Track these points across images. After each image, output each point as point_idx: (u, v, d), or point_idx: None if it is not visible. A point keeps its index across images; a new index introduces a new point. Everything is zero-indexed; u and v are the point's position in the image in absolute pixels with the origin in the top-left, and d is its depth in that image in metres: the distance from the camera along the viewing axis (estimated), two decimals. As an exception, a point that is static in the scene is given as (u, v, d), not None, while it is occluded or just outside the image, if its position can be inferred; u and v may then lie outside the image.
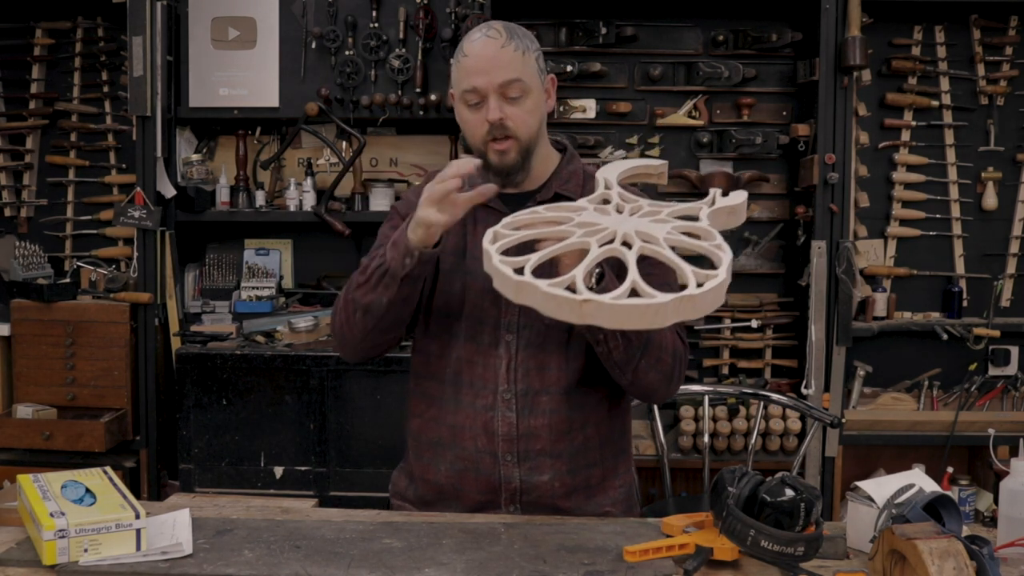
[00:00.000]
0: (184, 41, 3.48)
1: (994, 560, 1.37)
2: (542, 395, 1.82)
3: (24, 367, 3.38)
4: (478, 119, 1.78)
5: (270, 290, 3.60)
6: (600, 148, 3.67)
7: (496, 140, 1.78)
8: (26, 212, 3.79)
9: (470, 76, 1.77)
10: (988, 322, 3.52)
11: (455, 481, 1.85)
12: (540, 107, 1.83)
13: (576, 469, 1.85)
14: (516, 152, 1.79)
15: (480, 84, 1.76)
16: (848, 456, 3.48)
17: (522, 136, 1.79)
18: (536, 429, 1.82)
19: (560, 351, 1.83)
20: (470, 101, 1.78)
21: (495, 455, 1.82)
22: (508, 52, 1.76)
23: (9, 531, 1.66)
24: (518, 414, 1.82)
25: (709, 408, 3.28)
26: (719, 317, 3.68)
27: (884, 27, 3.51)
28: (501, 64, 1.75)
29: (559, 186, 1.87)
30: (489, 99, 1.76)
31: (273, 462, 3.21)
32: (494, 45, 1.77)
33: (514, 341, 1.83)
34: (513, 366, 1.82)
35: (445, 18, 3.43)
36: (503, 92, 1.76)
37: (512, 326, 1.83)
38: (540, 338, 1.83)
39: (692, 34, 3.68)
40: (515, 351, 1.83)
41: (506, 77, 1.76)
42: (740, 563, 1.52)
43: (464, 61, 1.78)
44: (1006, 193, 3.62)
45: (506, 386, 1.82)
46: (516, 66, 1.77)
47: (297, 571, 1.48)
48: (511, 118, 1.77)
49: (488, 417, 1.82)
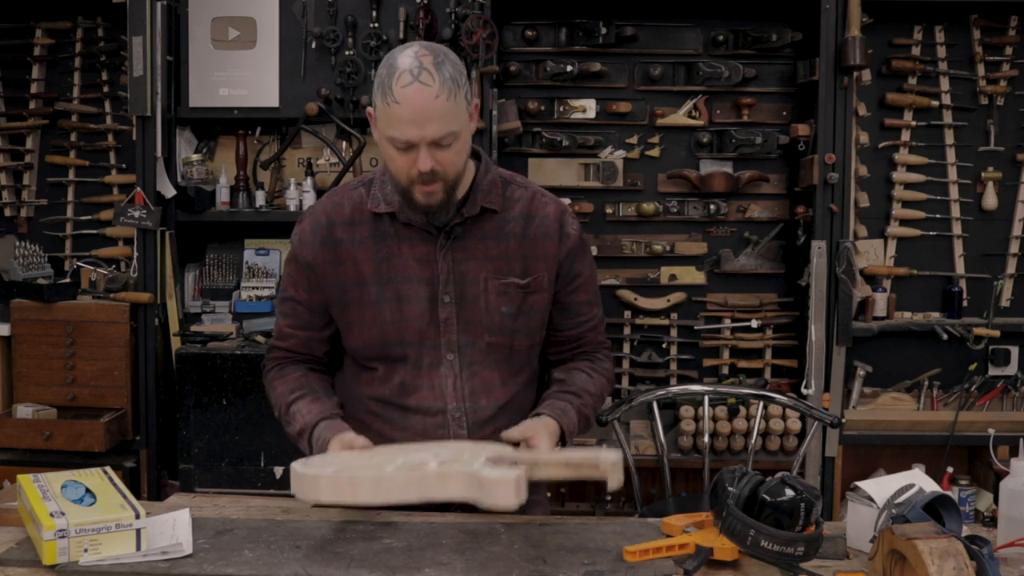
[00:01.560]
0: (184, 41, 3.48)
1: (994, 560, 1.38)
2: (488, 410, 1.86)
3: (24, 367, 3.37)
4: (406, 162, 1.72)
5: (270, 290, 3.60)
6: (600, 148, 3.67)
7: (424, 183, 1.73)
8: (26, 212, 3.79)
9: (401, 126, 1.68)
10: (988, 322, 3.51)
11: None
12: (467, 142, 1.77)
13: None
14: (443, 192, 1.75)
15: (412, 137, 1.68)
16: (848, 456, 3.48)
17: (450, 176, 1.74)
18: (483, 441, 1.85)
19: (503, 367, 1.87)
20: (398, 146, 1.71)
21: None
22: (441, 103, 1.67)
23: (9, 531, 1.66)
24: (468, 430, 1.85)
25: (709, 408, 3.28)
26: (719, 317, 3.68)
27: (884, 27, 3.51)
28: (434, 117, 1.67)
29: (483, 199, 1.84)
30: (420, 150, 1.69)
31: (273, 462, 3.21)
32: (426, 95, 1.66)
33: (456, 360, 1.84)
34: (458, 385, 1.84)
35: (445, 18, 3.43)
36: (434, 143, 1.70)
37: (453, 345, 1.84)
38: (482, 355, 1.85)
39: (692, 34, 3.68)
40: (459, 369, 1.84)
41: (439, 132, 1.68)
42: (740, 563, 1.53)
43: (395, 109, 1.67)
44: (1006, 193, 3.62)
45: (455, 404, 1.84)
46: (449, 117, 1.68)
47: (297, 571, 1.48)
48: (441, 163, 1.71)
49: (439, 435, 1.84)
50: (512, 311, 1.84)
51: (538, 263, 1.86)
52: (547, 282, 1.87)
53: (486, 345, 1.84)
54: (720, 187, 3.64)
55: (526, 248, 1.86)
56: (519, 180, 1.93)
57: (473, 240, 1.84)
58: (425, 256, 1.83)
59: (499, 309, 1.83)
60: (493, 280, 1.83)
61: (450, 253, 1.83)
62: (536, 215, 1.88)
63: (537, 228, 1.87)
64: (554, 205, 1.91)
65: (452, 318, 1.83)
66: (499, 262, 1.84)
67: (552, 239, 1.87)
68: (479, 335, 1.84)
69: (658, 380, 3.65)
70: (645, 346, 3.70)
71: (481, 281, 1.83)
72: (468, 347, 1.84)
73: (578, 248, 1.91)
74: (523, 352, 1.89)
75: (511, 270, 1.85)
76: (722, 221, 3.69)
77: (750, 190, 3.69)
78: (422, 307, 1.83)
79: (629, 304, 3.67)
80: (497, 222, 1.86)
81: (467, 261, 1.83)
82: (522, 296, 1.85)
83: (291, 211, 3.57)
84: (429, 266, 1.83)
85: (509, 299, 1.84)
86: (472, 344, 1.84)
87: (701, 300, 3.71)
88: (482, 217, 1.84)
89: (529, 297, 1.86)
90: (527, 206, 1.88)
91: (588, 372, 1.95)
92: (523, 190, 1.90)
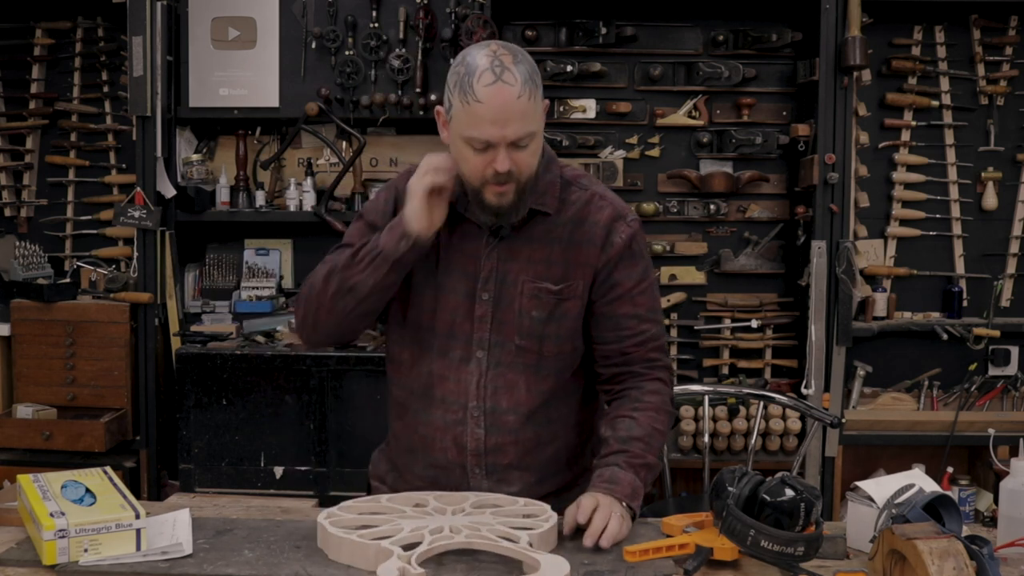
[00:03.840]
0: (184, 41, 3.48)
1: (994, 560, 1.38)
2: (509, 414, 1.82)
3: (24, 367, 3.38)
4: (482, 162, 1.69)
5: (270, 290, 3.60)
6: (600, 148, 3.67)
7: (498, 184, 1.71)
8: (26, 212, 3.79)
9: (481, 126, 1.66)
10: (988, 322, 3.51)
11: (427, 486, 1.85)
12: (541, 143, 1.76)
13: (544, 479, 1.86)
14: (514, 194, 1.73)
15: (493, 138, 1.66)
16: (848, 456, 3.48)
17: (523, 178, 1.73)
18: (503, 445, 1.82)
19: (530, 371, 1.83)
20: (476, 147, 1.69)
21: (464, 467, 1.83)
22: (523, 103, 1.66)
23: (9, 531, 1.66)
24: (486, 430, 1.82)
25: (709, 408, 3.28)
26: (719, 317, 3.68)
27: (884, 27, 3.51)
28: (515, 117, 1.66)
29: (534, 201, 1.80)
30: (499, 150, 1.68)
31: (273, 462, 3.21)
32: (509, 94, 1.64)
33: (485, 358, 1.82)
34: (483, 383, 1.82)
35: (445, 18, 3.43)
36: (514, 143, 1.68)
37: (484, 343, 1.82)
38: (510, 357, 1.82)
39: (692, 34, 3.68)
40: (485, 368, 1.82)
41: (519, 132, 1.67)
42: (740, 563, 1.53)
43: (476, 107, 1.65)
44: (1006, 193, 3.62)
45: (476, 402, 1.82)
46: (528, 118, 1.68)
47: (297, 571, 1.48)
48: (517, 164, 1.70)
49: (458, 431, 1.82)
50: (543, 316, 1.81)
51: (577, 269, 1.82)
52: (582, 289, 1.83)
53: (515, 348, 1.81)
54: (720, 187, 3.64)
55: (569, 254, 1.82)
56: (583, 182, 1.87)
57: (520, 241, 1.82)
58: (471, 252, 1.82)
59: (530, 313, 1.81)
60: (529, 283, 1.81)
61: (495, 252, 1.81)
62: (587, 220, 1.83)
63: (584, 234, 1.83)
64: (610, 210, 1.84)
65: (487, 315, 1.81)
66: (540, 266, 1.81)
67: (595, 246, 1.82)
68: (510, 336, 1.82)
69: (658, 380, 3.65)
70: (645, 346, 3.70)
71: (520, 283, 1.81)
72: (498, 347, 1.82)
73: (622, 257, 1.83)
74: (552, 359, 1.83)
75: (550, 275, 1.81)
76: (722, 221, 3.69)
77: (750, 190, 3.69)
78: (458, 300, 1.82)
79: (629, 304, 3.67)
80: (547, 225, 1.82)
81: (511, 262, 1.81)
82: (555, 302, 1.81)
83: (291, 211, 3.57)
84: (473, 262, 1.82)
85: (540, 303, 1.81)
86: (502, 344, 1.82)
87: (701, 300, 3.71)
88: (533, 219, 1.81)
89: (562, 304, 1.81)
90: (581, 210, 1.83)
91: (630, 415, 1.82)
92: (582, 192, 1.84)
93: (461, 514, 1.64)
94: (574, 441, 1.90)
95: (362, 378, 3.19)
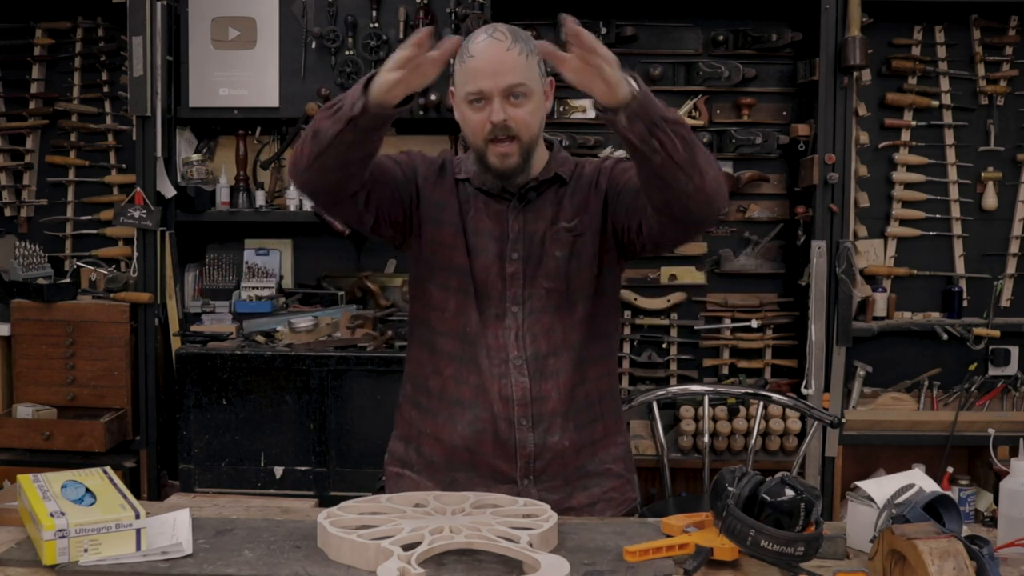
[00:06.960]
0: (184, 41, 3.48)
1: (994, 560, 1.38)
2: (550, 357, 1.89)
3: (24, 367, 3.38)
4: (480, 119, 1.81)
5: (270, 290, 3.60)
6: (600, 148, 3.67)
7: (498, 141, 1.81)
8: (26, 212, 3.79)
9: (476, 78, 1.79)
10: (988, 322, 3.51)
11: (471, 443, 1.89)
12: (541, 109, 1.86)
13: (581, 425, 1.92)
14: (517, 155, 1.83)
15: (486, 87, 1.78)
16: (848, 456, 3.48)
17: (524, 137, 1.82)
18: (547, 391, 1.88)
19: (562, 311, 1.90)
20: (473, 100, 1.81)
21: (511, 420, 1.87)
22: (513, 55, 1.79)
23: (9, 531, 1.66)
24: (530, 378, 1.87)
25: (709, 408, 3.28)
26: (719, 317, 3.68)
27: (884, 27, 3.51)
28: (506, 67, 1.78)
29: (557, 167, 1.92)
30: (493, 101, 1.79)
31: (273, 462, 3.21)
32: (499, 47, 1.79)
33: (520, 312, 1.89)
34: (521, 334, 1.88)
35: (445, 18, 3.43)
36: (507, 94, 1.79)
37: (518, 298, 1.90)
38: (542, 302, 1.89)
39: (692, 34, 3.68)
40: (521, 320, 1.89)
41: (511, 80, 1.78)
42: (740, 563, 1.52)
43: (469, 62, 1.80)
44: (1006, 193, 3.62)
45: (517, 352, 1.88)
46: (520, 69, 1.79)
47: (297, 571, 1.48)
48: (514, 120, 1.80)
49: (503, 384, 1.87)
50: (565, 255, 1.89)
51: (585, 212, 1.91)
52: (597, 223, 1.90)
53: (545, 292, 1.89)
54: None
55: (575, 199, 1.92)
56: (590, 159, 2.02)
57: (545, 203, 1.91)
58: (497, 215, 1.91)
59: (554, 254, 1.89)
60: (550, 230, 1.90)
61: (522, 214, 1.91)
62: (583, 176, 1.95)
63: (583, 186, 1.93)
64: (596, 162, 1.98)
65: (519, 273, 1.90)
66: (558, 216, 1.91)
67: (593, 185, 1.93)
68: (540, 285, 1.90)
69: (658, 380, 3.65)
70: (645, 346, 3.70)
71: (544, 236, 1.90)
72: (530, 298, 1.90)
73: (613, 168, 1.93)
74: (576, 296, 1.91)
75: (563, 218, 1.91)
76: (722, 221, 3.69)
77: (750, 190, 3.69)
78: (489, 260, 1.90)
79: (629, 304, 3.67)
80: (566, 190, 1.93)
81: (537, 222, 1.90)
82: (571, 239, 1.90)
83: (291, 211, 3.57)
84: (500, 224, 1.90)
85: (561, 244, 1.89)
86: (534, 295, 1.90)
87: (701, 300, 3.71)
88: (553, 186, 1.92)
89: (577, 240, 1.90)
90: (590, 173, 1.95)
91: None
92: (590, 164, 1.98)
93: (461, 514, 1.64)
94: (605, 385, 1.97)
95: (362, 378, 3.19)
